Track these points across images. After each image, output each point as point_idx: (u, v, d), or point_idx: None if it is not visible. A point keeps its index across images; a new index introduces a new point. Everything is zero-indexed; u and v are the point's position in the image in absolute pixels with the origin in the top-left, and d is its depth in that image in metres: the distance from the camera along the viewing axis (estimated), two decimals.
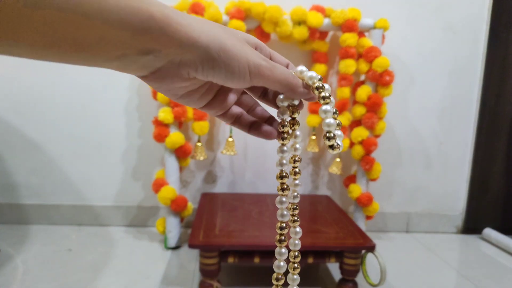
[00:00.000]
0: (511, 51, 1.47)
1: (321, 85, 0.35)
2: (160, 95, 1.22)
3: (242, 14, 1.24)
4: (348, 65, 1.29)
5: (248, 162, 1.50)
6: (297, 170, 0.37)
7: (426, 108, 1.51)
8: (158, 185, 1.27)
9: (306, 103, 1.41)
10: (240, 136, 1.46)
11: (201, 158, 1.34)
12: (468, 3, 1.45)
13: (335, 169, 1.38)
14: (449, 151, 1.55)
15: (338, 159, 1.39)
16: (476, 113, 1.52)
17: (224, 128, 1.47)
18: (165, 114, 1.23)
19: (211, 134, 1.47)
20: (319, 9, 1.29)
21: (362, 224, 1.38)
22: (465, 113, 1.52)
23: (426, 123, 1.52)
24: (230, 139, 1.35)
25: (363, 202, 1.34)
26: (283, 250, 0.37)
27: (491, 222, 1.57)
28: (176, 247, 1.33)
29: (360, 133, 1.31)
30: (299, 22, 1.26)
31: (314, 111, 1.37)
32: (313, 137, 1.41)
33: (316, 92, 0.35)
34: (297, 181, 0.37)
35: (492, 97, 1.49)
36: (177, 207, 1.27)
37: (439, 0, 1.43)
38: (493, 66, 1.48)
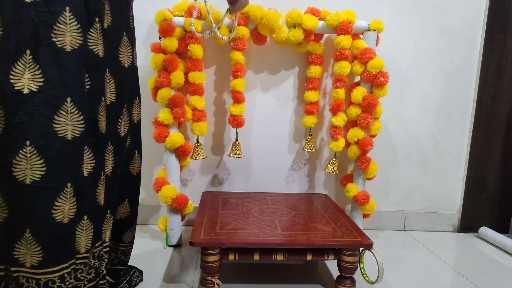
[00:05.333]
0: (507, 53, 1.49)
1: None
2: (159, 97, 1.24)
3: (244, 20, 1.26)
4: (343, 67, 1.31)
5: (249, 162, 1.52)
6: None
7: (423, 108, 1.53)
8: (159, 184, 1.29)
9: (301, 107, 1.43)
10: (244, 138, 1.49)
11: (201, 158, 1.36)
12: (465, 6, 1.47)
13: (331, 169, 1.40)
14: (446, 150, 1.57)
15: (334, 159, 1.41)
16: (472, 113, 1.54)
17: (229, 131, 1.49)
18: (165, 115, 1.25)
19: (216, 137, 1.49)
20: (314, 11, 1.31)
21: (359, 222, 1.40)
22: (462, 113, 1.55)
23: (422, 123, 1.54)
24: (237, 142, 1.38)
25: (360, 201, 1.36)
26: None
27: (487, 220, 1.59)
28: (178, 245, 1.35)
29: (356, 133, 1.33)
30: (295, 25, 1.29)
31: (310, 112, 1.39)
32: (310, 137, 1.43)
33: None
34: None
35: (488, 98, 1.52)
36: (178, 205, 1.29)
37: (436, 2, 1.46)
38: (489, 67, 1.50)
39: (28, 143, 0.67)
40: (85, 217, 0.75)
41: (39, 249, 0.70)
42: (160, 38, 1.26)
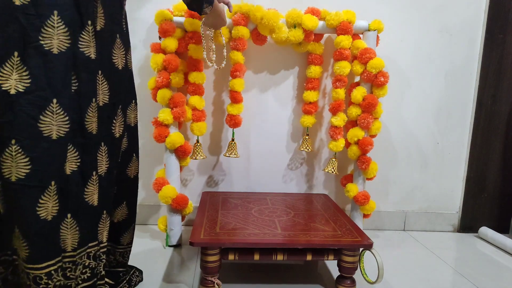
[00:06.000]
0: (507, 53, 1.49)
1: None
2: (159, 97, 1.25)
3: (244, 20, 1.26)
4: (343, 67, 1.31)
5: (249, 162, 1.52)
6: None
7: (423, 108, 1.53)
8: (159, 184, 1.29)
9: (300, 106, 1.43)
10: (244, 138, 1.49)
11: (201, 157, 1.36)
12: (465, 6, 1.47)
13: (330, 169, 1.40)
14: (446, 150, 1.57)
15: (333, 159, 1.41)
16: (472, 113, 1.54)
17: (228, 131, 1.49)
18: (165, 115, 1.25)
19: (215, 137, 1.49)
20: (314, 11, 1.31)
21: (359, 222, 1.40)
22: (462, 113, 1.55)
23: (422, 123, 1.54)
24: (233, 142, 1.37)
25: (360, 201, 1.36)
26: None
27: (487, 220, 1.59)
28: (178, 245, 1.35)
29: (356, 133, 1.33)
30: (295, 25, 1.29)
31: (308, 112, 1.39)
32: (307, 137, 1.43)
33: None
34: None
35: (488, 98, 1.52)
36: (177, 205, 1.29)
37: (436, 2, 1.46)
38: (489, 67, 1.50)
39: (13, 142, 0.68)
40: (69, 215, 0.76)
41: (26, 245, 0.71)
42: (160, 38, 1.26)
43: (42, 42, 0.68)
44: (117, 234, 1.00)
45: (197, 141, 1.36)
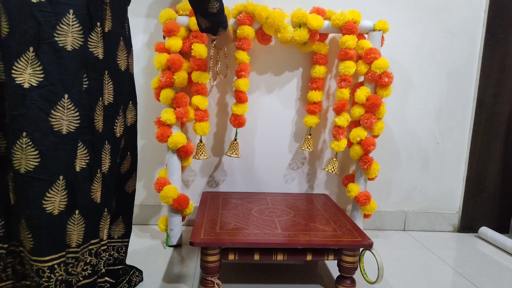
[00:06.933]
0: (508, 53, 1.49)
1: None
2: (162, 97, 1.25)
3: (250, 20, 1.26)
4: (348, 67, 1.31)
5: (252, 163, 1.52)
6: None
7: (424, 108, 1.53)
8: (160, 184, 1.29)
9: (304, 107, 1.43)
10: (248, 139, 1.49)
11: (203, 157, 1.36)
12: (466, 6, 1.47)
13: (330, 168, 1.40)
14: (446, 150, 1.57)
15: (334, 159, 1.41)
16: (472, 113, 1.54)
17: (231, 132, 1.49)
18: (168, 115, 1.25)
19: (218, 138, 1.50)
20: (319, 11, 1.31)
21: (360, 222, 1.40)
22: (462, 114, 1.55)
23: (423, 123, 1.54)
24: (235, 142, 1.38)
25: (361, 201, 1.36)
26: None
27: (487, 220, 1.59)
28: (178, 245, 1.36)
29: (359, 133, 1.33)
30: (300, 24, 1.28)
31: (312, 112, 1.39)
32: (309, 137, 1.43)
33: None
34: None
35: (490, 98, 1.51)
36: (179, 205, 1.29)
37: (437, 3, 1.45)
38: (491, 67, 1.50)
39: (24, 134, 0.70)
40: (77, 211, 0.77)
41: (30, 237, 0.73)
42: (164, 37, 1.26)
43: (56, 38, 0.71)
44: None
45: (200, 141, 1.37)
